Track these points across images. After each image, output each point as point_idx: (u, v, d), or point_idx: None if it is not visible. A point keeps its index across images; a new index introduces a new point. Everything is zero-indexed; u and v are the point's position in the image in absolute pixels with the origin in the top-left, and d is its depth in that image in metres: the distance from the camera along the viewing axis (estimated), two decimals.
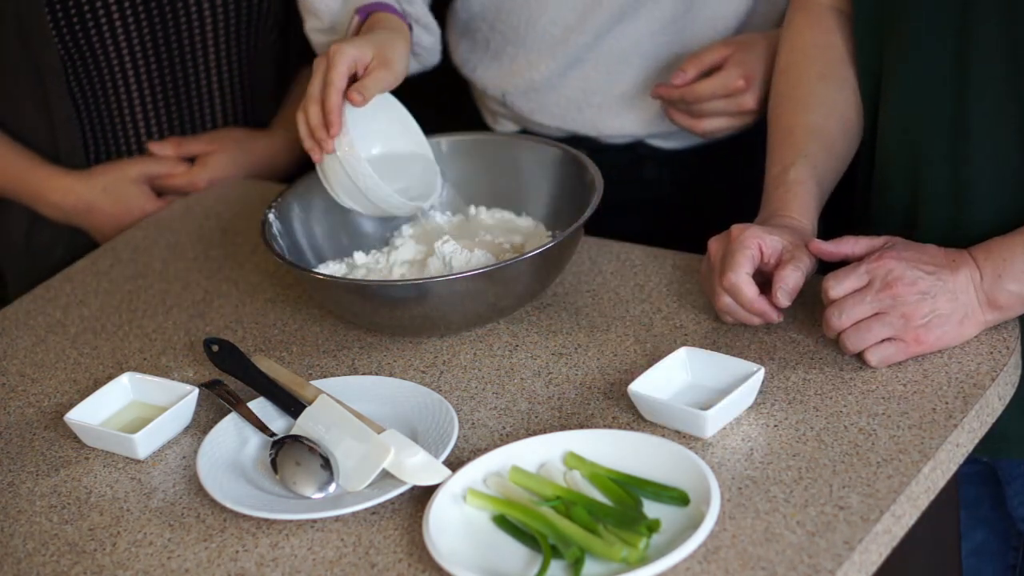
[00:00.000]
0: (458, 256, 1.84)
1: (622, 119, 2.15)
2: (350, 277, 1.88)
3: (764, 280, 1.71)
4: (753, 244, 1.70)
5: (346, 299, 1.80)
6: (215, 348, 1.81)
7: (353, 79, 1.86)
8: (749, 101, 1.99)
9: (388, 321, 1.80)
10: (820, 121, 1.84)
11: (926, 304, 1.64)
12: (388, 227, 1.97)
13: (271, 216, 1.88)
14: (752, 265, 1.70)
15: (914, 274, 1.64)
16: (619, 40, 2.10)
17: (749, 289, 1.70)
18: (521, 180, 1.97)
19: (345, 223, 1.96)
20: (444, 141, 2.00)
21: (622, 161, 2.17)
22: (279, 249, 1.85)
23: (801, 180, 1.80)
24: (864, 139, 1.88)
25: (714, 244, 1.75)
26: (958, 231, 1.74)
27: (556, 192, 1.93)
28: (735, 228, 1.73)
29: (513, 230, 1.94)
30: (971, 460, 1.65)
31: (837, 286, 1.66)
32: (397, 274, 1.87)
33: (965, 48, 1.71)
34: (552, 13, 2.11)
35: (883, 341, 1.65)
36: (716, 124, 2.04)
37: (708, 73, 2.02)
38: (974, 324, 1.67)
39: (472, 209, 1.98)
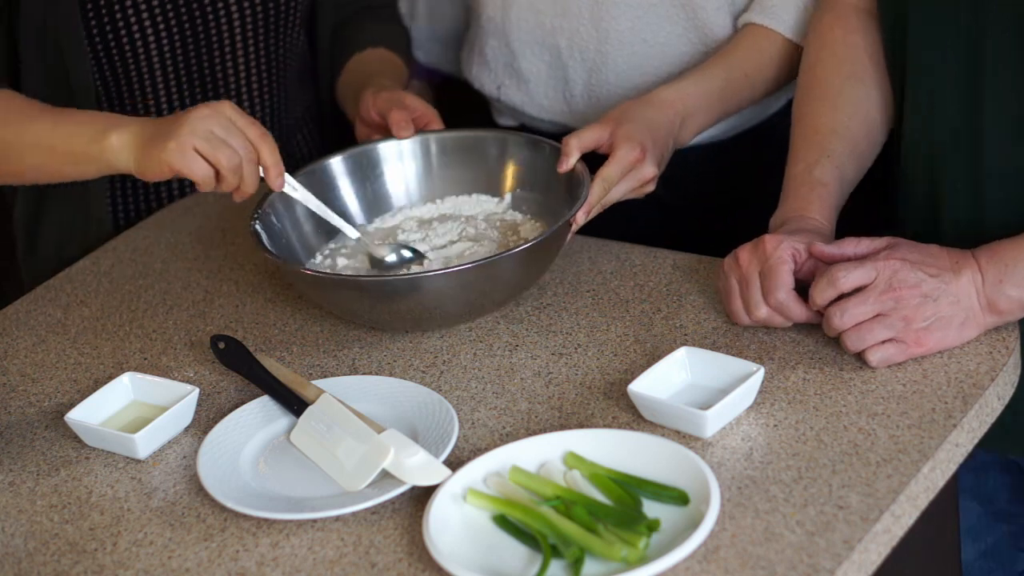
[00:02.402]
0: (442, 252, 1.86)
1: None
2: (347, 274, 1.88)
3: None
4: (789, 258, 1.70)
5: (346, 296, 1.79)
6: (221, 345, 1.81)
7: None
8: (648, 171, 1.87)
9: (387, 316, 1.80)
10: (845, 121, 1.84)
11: (928, 307, 1.64)
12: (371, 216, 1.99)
13: (257, 227, 1.87)
14: (793, 279, 1.70)
15: (917, 276, 1.64)
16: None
17: (798, 309, 1.70)
18: (514, 175, 1.98)
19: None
20: (432, 138, 2.00)
21: None
22: (274, 253, 1.85)
23: (824, 181, 1.79)
24: (889, 137, 1.88)
25: (745, 254, 1.73)
26: (979, 226, 1.74)
27: (549, 188, 1.93)
28: (768, 241, 1.71)
29: (502, 222, 1.95)
30: (996, 455, 1.65)
31: (847, 275, 1.65)
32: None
33: (978, 41, 1.71)
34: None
35: (884, 342, 1.65)
36: (618, 195, 1.90)
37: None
38: (974, 327, 1.67)
39: (442, 201, 1.99)
